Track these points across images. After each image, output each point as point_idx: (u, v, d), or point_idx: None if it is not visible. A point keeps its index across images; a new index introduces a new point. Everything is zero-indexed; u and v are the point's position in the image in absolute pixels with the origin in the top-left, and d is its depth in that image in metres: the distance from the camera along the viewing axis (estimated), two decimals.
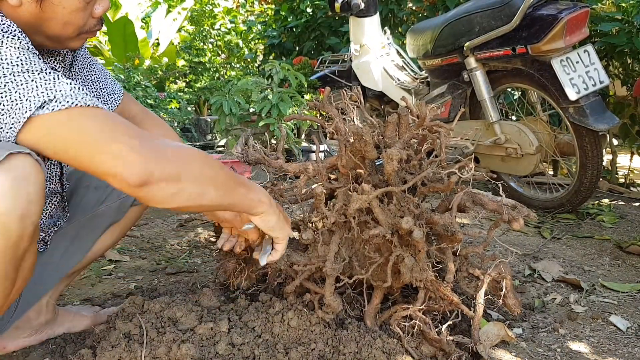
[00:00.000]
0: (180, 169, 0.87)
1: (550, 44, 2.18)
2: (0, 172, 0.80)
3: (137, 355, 1.08)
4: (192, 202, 0.90)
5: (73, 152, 0.83)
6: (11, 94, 0.81)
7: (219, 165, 0.96)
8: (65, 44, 1.00)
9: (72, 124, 0.82)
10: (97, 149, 0.82)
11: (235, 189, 0.98)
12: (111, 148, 0.82)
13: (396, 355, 1.12)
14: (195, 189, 0.90)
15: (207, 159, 0.94)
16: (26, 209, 0.84)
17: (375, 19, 3.23)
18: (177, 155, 0.88)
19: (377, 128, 1.26)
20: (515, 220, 1.07)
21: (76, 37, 0.98)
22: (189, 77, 6.48)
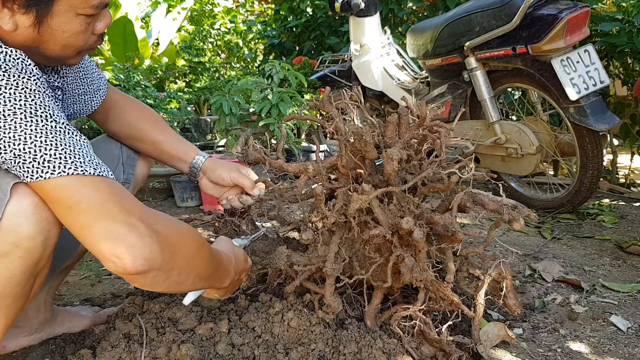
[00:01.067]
0: (173, 261, 0.85)
1: (550, 44, 2.18)
2: (21, 195, 0.82)
3: (137, 356, 1.08)
4: (170, 289, 0.90)
5: (70, 219, 0.80)
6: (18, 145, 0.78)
7: (206, 252, 0.96)
8: (64, 62, 0.96)
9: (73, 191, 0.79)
10: (95, 222, 0.78)
11: (211, 277, 0.99)
12: (112, 227, 0.78)
13: (396, 355, 1.12)
14: (178, 278, 0.88)
15: (197, 246, 0.92)
16: (48, 232, 0.85)
17: (376, 18, 3.23)
18: (173, 243, 0.86)
19: (377, 128, 1.25)
20: (516, 221, 1.07)
21: (75, 55, 0.95)
22: (188, 77, 6.48)
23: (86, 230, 0.79)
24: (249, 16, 7.69)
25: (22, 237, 0.82)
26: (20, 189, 0.82)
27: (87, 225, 0.79)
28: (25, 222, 0.82)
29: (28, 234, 0.82)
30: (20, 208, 0.82)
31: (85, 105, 1.20)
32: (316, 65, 3.79)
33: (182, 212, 2.59)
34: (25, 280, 0.86)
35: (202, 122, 5.24)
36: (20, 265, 0.83)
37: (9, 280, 0.84)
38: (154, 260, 0.80)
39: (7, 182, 0.81)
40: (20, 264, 0.83)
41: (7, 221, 0.81)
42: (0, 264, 0.82)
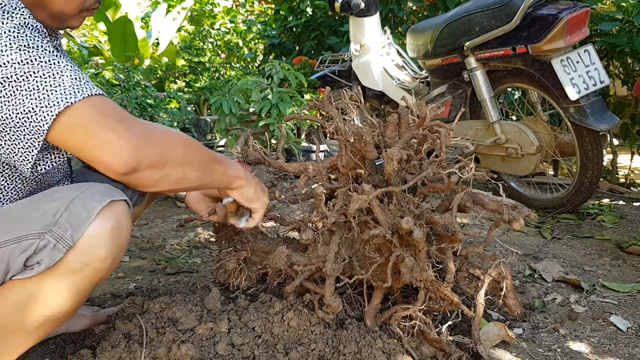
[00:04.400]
0: (165, 156, 0.89)
1: (550, 44, 2.18)
2: (103, 219, 0.88)
3: (137, 356, 1.08)
4: (175, 185, 0.93)
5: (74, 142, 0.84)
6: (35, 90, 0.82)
7: (198, 146, 1.00)
8: (67, 22, 1.01)
9: (79, 115, 0.83)
10: (90, 135, 0.83)
11: (214, 168, 1.02)
12: (101, 135, 0.82)
13: (396, 355, 1.12)
14: (178, 173, 0.92)
15: (188, 142, 0.97)
16: (117, 257, 0.92)
17: (376, 18, 3.22)
18: (162, 141, 0.90)
19: (377, 128, 1.25)
20: (516, 221, 1.07)
21: (77, 14, 0.99)
22: (188, 77, 6.48)
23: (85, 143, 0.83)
24: (249, 16, 7.69)
25: (94, 258, 0.88)
26: (104, 214, 0.88)
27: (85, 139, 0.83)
28: (100, 245, 0.88)
29: (100, 256, 0.88)
30: (100, 232, 0.88)
31: None
32: (316, 65, 3.79)
33: (182, 212, 2.59)
34: (83, 296, 0.92)
35: (202, 122, 5.24)
36: (84, 283, 0.89)
37: (70, 296, 0.89)
38: (140, 155, 0.84)
39: (94, 205, 0.88)
40: (84, 281, 0.89)
41: (85, 241, 0.87)
42: (66, 280, 0.88)
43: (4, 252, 0.85)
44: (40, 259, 0.85)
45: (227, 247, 1.43)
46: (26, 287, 0.87)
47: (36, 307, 0.87)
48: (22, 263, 0.86)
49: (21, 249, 0.85)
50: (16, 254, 0.85)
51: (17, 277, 0.87)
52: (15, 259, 0.85)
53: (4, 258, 0.85)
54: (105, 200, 0.89)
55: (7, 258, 0.85)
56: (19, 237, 0.85)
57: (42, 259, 0.85)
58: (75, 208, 0.87)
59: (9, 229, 0.86)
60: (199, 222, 1.27)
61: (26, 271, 0.87)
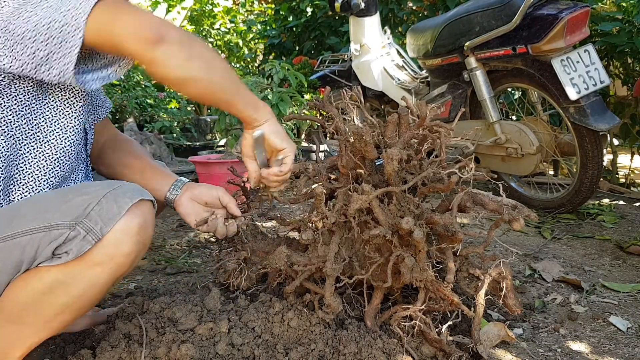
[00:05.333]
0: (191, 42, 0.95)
1: (550, 44, 2.18)
2: (132, 216, 0.90)
3: (137, 356, 1.08)
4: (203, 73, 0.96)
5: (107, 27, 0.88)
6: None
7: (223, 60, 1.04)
8: None
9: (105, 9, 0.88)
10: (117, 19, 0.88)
11: (239, 84, 1.04)
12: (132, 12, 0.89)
13: (396, 355, 1.12)
14: (204, 64, 0.96)
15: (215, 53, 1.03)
16: (140, 253, 0.95)
17: (376, 18, 3.22)
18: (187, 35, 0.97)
19: (377, 128, 1.25)
20: (516, 221, 1.07)
21: None
22: None
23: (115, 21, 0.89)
24: (249, 16, 7.69)
25: (120, 252, 0.90)
26: (133, 211, 0.90)
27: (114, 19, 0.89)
28: (127, 240, 0.90)
29: (125, 251, 0.90)
30: (128, 227, 0.90)
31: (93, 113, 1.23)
32: (316, 65, 3.79)
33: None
34: (104, 289, 0.94)
35: (202, 122, 5.24)
36: (107, 275, 0.91)
37: (92, 287, 0.91)
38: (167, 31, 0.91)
39: (125, 201, 0.90)
40: (107, 274, 0.91)
41: (112, 235, 0.89)
42: (91, 271, 0.90)
43: (34, 238, 0.87)
44: (69, 249, 0.87)
45: (227, 247, 1.43)
46: (52, 274, 0.89)
47: (58, 294, 0.89)
48: (51, 251, 0.88)
49: (51, 237, 0.87)
50: (46, 242, 0.87)
51: (44, 264, 0.89)
52: (45, 247, 0.87)
53: (34, 245, 0.87)
54: (136, 198, 0.91)
55: (37, 245, 0.87)
56: (49, 226, 0.87)
57: (70, 248, 0.87)
58: (107, 203, 0.89)
59: (39, 217, 0.88)
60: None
61: (54, 259, 0.89)
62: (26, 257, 0.88)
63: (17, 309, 0.91)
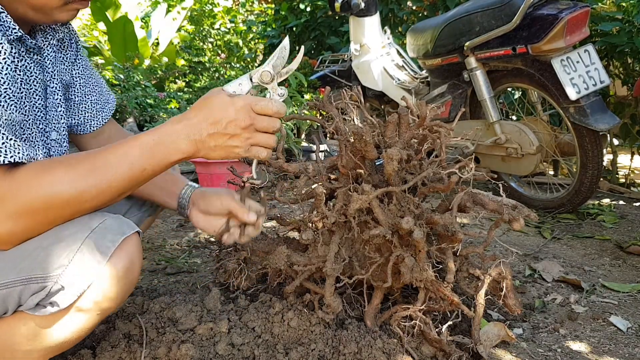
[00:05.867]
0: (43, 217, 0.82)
1: (550, 44, 2.18)
2: (117, 260, 0.86)
3: (137, 356, 1.08)
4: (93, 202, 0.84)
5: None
6: None
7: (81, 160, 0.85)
8: (52, 15, 0.91)
9: None
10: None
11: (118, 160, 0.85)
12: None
13: (396, 355, 1.12)
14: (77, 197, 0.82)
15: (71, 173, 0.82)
16: (127, 293, 0.92)
17: (376, 18, 3.22)
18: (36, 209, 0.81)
19: (377, 128, 1.25)
20: (516, 221, 1.07)
21: (62, 6, 0.90)
22: (188, 76, 6.48)
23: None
24: (249, 16, 7.69)
25: (106, 298, 0.86)
26: (117, 255, 0.86)
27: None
28: (114, 285, 0.86)
29: (112, 296, 0.87)
30: (115, 273, 0.86)
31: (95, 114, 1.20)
32: (316, 65, 3.79)
33: None
34: (91, 329, 0.92)
35: None
36: (94, 320, 0.89)
37: (78, 331, 0.89)
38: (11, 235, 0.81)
39: (107, 246, 0.85)
40: (94, 319, 0.89)
41: (98, 284, 0.85)
42: (77, 318, 0.87)
43: (13, 291, 0.83)
44: (54, 301, 0.84)
45: (227, 247, 1.43)
46: (37, 321, 0.86)
47: (43, 340, 0.87)
48: (34, 304, 0.85)
49: (31, 290, 0.83)
50: (27, 295, 0.84)
51: (29, 312, 0.86)
52: (27, 298, 0.84)
53: (14, 297, 0.83)
54: (118, 240, 0.86)
55: (18, 297, 0.84)
56: (27, 278, 0.82)
57: (55, 301, 0.84)
58: (88, 251, 0.84)
59: (16, 267, 0.83)
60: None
61: (37, 309, 0.85)
62: (10, 306, 0.85)
63: (3, 352, 0.87)
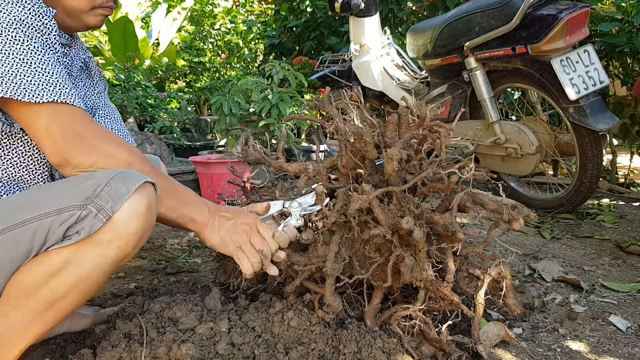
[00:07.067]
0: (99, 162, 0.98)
1: (550, 44, 2.18)
2: (140, 196, 0.92)
3: (137, 355, 1.08)
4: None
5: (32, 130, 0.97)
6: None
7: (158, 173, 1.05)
8: (83, 20, 1.06)
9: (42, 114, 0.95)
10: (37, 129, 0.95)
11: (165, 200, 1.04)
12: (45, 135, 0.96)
13: (396, 355, 1.12)
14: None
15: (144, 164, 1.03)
16: (146, 234, 0.96)
17: (375, 18, 3.23)
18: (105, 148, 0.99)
19: (377, 128, 1.25)
20: (515, 220, 1.07)
21: (90, 11, 1.05)
22: (189, 77, 6.48)
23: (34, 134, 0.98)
24: (249, 16, 7.69)
25: (128, 231, 0.91)
26: (141, 191, 0.93)
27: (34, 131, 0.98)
28: (136, 219, 0.91)
29: (133, 230, 0.92)
30: (137, 206, 0.92)
31: None
32: (316, 65, 3.79)
33: None
34: (109, 271, 0.94)
35: (202, 122, 5.24)
36: (114, 255, 0.92)
37: (98, 267, 0.92)
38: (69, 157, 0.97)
39: (133, 182, 0.92)
40: (114, 253, 0.92)
41: (122, 213, 0.90)
42: (99, 250, 0.91)
43: (44, 223, 0.88)
44: (81, 228, 0.88)
45: None
46: (61, 255, 0.90)
47: (66, 276, 0.90)
48: (62, 233, 0.89)
49: (62, 219, 0.88)
50: (57, 224, 0.88)
51: (54, 247, 0.90)
52: (56, 230, 0.88)
53: (44, 229, 0.88)
54: (142, 180, 0.93)
55: (48, 228, 0.88)
56: (59, 209, 0.88)
57: (82, 227, 0.88)
58: (115, 184, 0.91)
59: (48, 202, 0.89)
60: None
61: (64, 241, 0.90)
62: (36, 243, 0.89)
63: (24, 294, 0.90)
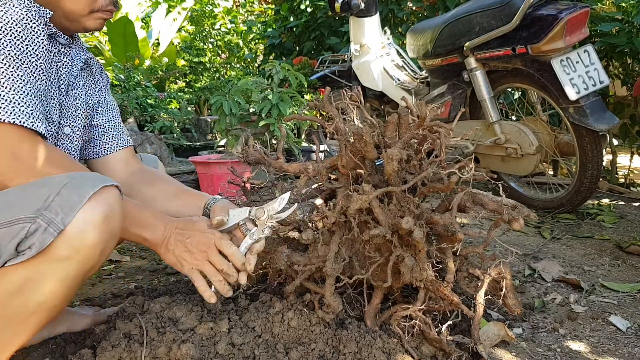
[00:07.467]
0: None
1: (550, 44, 2.18)
2: (95, 204, 0.86)
3: (137, 355, 1.08)
4: None
5: None
6: None
7: None
8: (81, 23, 1.05)
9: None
10: None
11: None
12: None
13: (396, 355, 1.12)
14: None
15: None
16: (107, 242, 0.90)
17: (375, 19, 3.23)
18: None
19: (377, 128, 1.25)
20: (516, 220, 1.07)
21: (89, 14, 1.04)
22: (189, 77, 6.48)
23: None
24: (249, 16, 7.69)
25: (85, 244, 0.86)
26: (96, 199, 0.87)
27: None
28: (91, 230, 0.86)
29: (90, 243, 0.86)
30: (91, 217, 0.86)
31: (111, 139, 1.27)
32: (316, 65, 3.79)
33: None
34: (75, 285, 0.90)
35: (202, 122, 5.24)
36: (76, 269, 0.87)
37: (62, 282, 0.87)
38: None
39: (86, 190, 0.87)
40: (76, 268, 0.87)
41: (75, 226, 0.85)
42: (58, 266, 0.86)
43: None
44: (32, 243, 0.83)
45: None
46: (19, 272, 0.85)
47: (29, 293, 0.86)
48: (14, 248, 0.84)
49: (12, 233, 0.83)
50: (7, 239, 0.83)
51: (10, 263, 0.85)
52: (7, 244, 0.83)
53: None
54: (98, 186, 0.88)
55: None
56: (9, 221, 0.84)
57: (33, 242, 0.83)
58: (66, 192, 0.85)
59: (0, 214, 0.85)
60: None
61: (18, 257, 0.85)
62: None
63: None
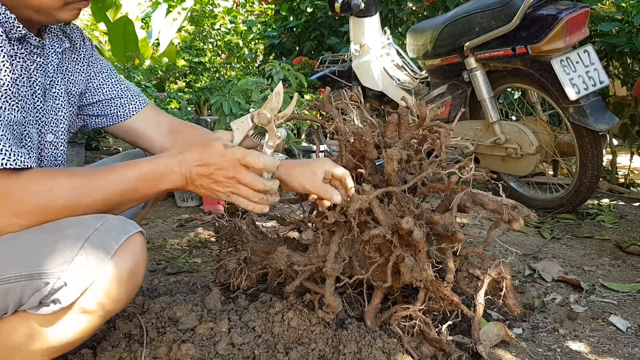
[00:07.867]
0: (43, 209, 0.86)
1: (550, 44, 2.18)
2: (121, 260, 0.84)
3: (137, 355, 1.08)
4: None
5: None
6: None
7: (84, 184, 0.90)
8: (54, 16, 0.96)
9: None
10: None
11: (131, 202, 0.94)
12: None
13: (396, 355, 1.12)
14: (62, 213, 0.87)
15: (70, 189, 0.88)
16: (132, 295, 0.90)
17: (375, 19, 3.23)
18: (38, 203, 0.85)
19: (377, 128, 1.26)
20: (516, 220, 1.07)
21: (62, 7, 0.95)
22: (189, 77, 6.47)
23: None
24: (249, 16, 7.69)
25: (110, 300, 0.85)
26: (121, 254, 0.84)
27: None
28: (117, 287, 0.84)
29: (115, 298, 0.85)
30: (118, 273, 0.84)
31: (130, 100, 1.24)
32: (316, 65, 3.79)
33: (183, 212, 2.59)
34: (94, 331, 0.90)
35: (203, 122, 5.23)
36: (98, 322, 0.87)
37: (82, 332, 0.87)
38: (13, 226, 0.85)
39: (111, 244, 0.84)
40: (98, 321, 0.87)
41: (101, 283, 0.83)
42: (81, 318, 0.85)
43: (15, 287, 0.81)
44: (57, 298, 0.82)
45: (227, 247, 1.43)
46: (40, 321, 0.84)
47: (47, 340, 0.85)
48: (37, 302, 0.82)
49: (34, 288, 0.81)
50: (29, 292, 0.82)
51: (31, 311, 0.84)
52: (29, 297, 0.82)
53: (17, 293, 0.82)
54: (122, 238, 0.85)
55: (20, 294, 0.82)
56: (30, 274, 0.81)
57: (58, 298, 0.82)
58: (91, 247, 0.83)
59: (19, 262, 0.82)
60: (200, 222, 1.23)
61: (41, 307, 0.83)
62: (11, 303, 0.83)
63: (4, 350, 0.86)
